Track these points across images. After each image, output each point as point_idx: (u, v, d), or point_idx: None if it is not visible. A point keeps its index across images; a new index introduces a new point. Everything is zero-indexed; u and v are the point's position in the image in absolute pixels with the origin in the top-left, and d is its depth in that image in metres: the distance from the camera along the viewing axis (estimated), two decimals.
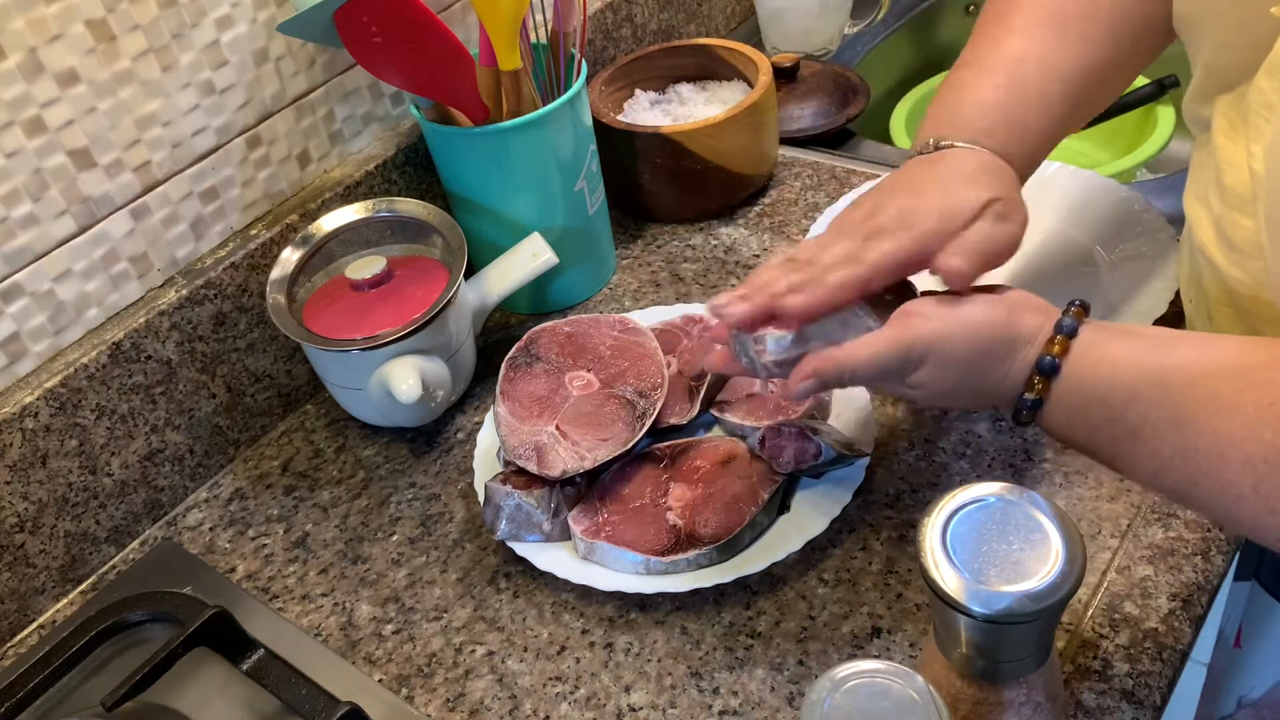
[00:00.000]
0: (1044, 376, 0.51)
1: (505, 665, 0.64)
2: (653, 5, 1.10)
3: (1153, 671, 0.58)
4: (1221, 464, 0.45)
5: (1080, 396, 0.50)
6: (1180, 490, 0.48)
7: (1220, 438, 0.45)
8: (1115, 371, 0.49)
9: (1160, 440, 0.47)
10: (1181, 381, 0.47)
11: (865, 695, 0.42)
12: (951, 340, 0.53)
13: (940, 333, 0.53)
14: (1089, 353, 0.50)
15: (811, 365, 0.55)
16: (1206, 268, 0.59)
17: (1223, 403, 0.46)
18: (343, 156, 0.86)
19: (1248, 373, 0.46)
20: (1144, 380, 0.48)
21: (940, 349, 0.53)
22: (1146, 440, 0.48)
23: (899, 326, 0.54)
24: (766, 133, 0.95)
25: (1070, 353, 0.50)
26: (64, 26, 0.66)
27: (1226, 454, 0.45)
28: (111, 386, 0.73)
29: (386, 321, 0.74)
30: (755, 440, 0.70)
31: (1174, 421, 0.47)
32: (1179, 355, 0.49)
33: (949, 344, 0.53)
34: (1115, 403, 0.49)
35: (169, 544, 0.76)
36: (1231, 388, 0.46)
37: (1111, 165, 1.03)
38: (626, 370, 0.74)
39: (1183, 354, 0.49)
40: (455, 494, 0.76)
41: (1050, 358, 0.51)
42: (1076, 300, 0.52)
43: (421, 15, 0.72)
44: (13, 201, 0.67)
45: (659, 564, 0.64)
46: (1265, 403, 0.44)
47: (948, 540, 0.44)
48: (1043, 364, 0.51)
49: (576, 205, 0.86)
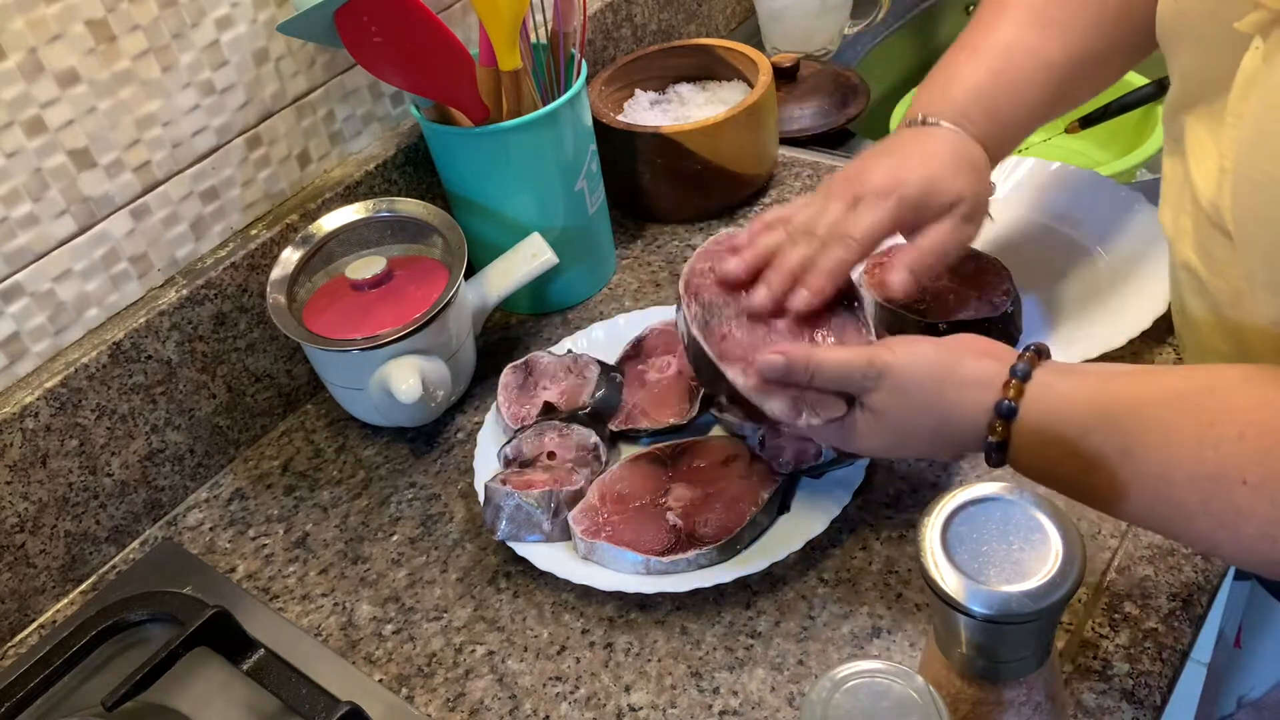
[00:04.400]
0: (1003, 419, 0.53)
1: (505, 665, 0.64)
2: (653, 5, 1.10)
3: (1153, 671, 0.58)
4: (1170, 487, 0.48)
5: (1039, 437, 0.52)
6: (1140, 516, 0.50)
7: (1167, 463, 0.48)
8: (1067, 408, 0.51)
9: (1115, 470, 0.49)
10: (1127, 412, 0.49)
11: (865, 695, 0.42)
12: (906, 370, 0.56)
13: (898, 360, 0.56)
14: (1042, 395, 0.52)
15: (785, 347, 0.58)
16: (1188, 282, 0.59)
17: (1166, 428, 0.48)
18: (343, 156, 0.86)
19: (1188, 397, 0.48)
20: (1092, 415, 0.50)
21: (898, 374, 0.56)
22: (1102, 471, 0.50)
23: (866, 347, 0.58)
24: (766, 133, 0.95)
25: (1025, 395, 0.52)
26: (64, 26, 0.66)
27: (1173, 477, 0.47)
28: (112, 386, 0.73)
29: (386, 321, 0.74)
30: (755, 440, 0.70)
31: (1124, 451, 0.49)
32: (1122, 387, 0.51)
33: (903, 373, 0.56)
34: (1070, 439, 0.51)
35: (169, 544, 0.76)
36: (1172, 413, 0.48)
37: (1111, 165, 1.03)
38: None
39: (1126, 386, 0.51)
40: (455, 494, 0.76)
41: (1007, 401, 0.53)
42: (1032, 345, 0.55)
43: (421, 15, 0.72)
44: (13, 201, 0.67)
45: (659, 564, 0.64)
46: (1204, 424, 0.47)
47: (948, 540, 0.44)
48: (1000, 408, 0.53)
49: (576, 205, 0.86)
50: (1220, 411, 0.47)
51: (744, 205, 0.97)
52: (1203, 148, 0.54)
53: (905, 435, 0.58)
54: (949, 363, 0.55)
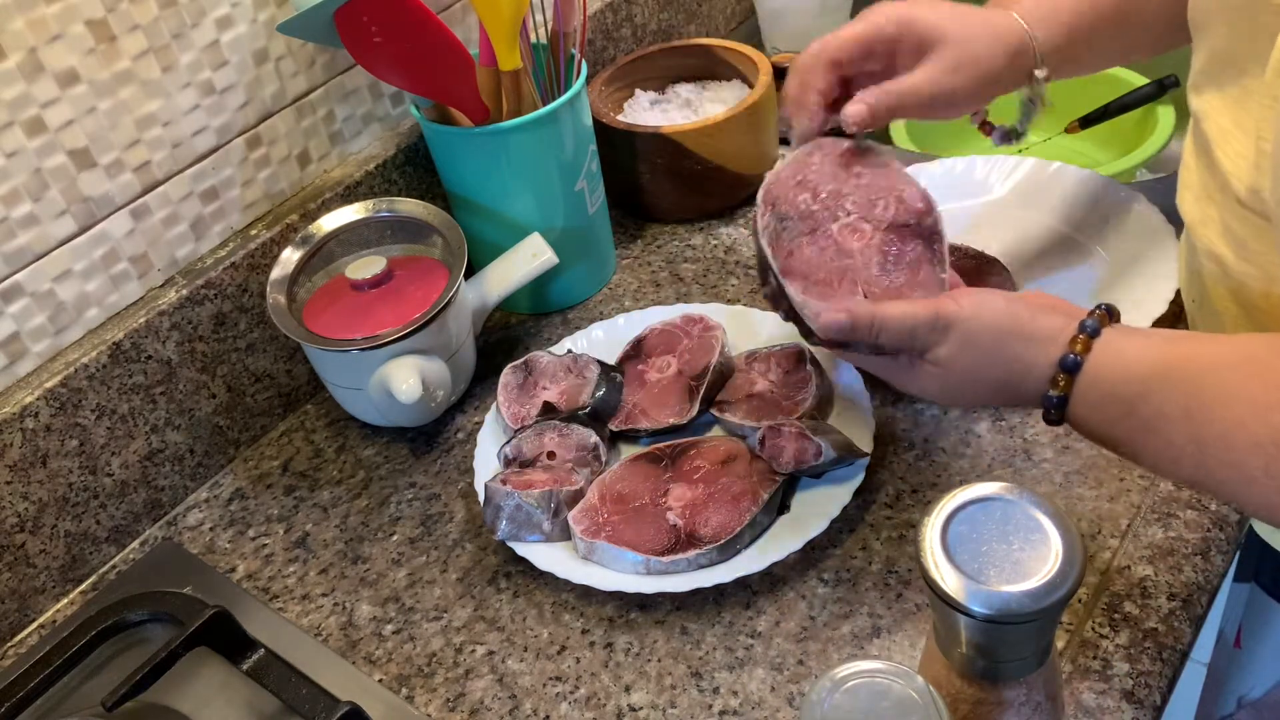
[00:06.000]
0: (1067, 373, 0.53)
1: (505, 665, 0.64)
2: (653, 5, 1.10)
3: (1153, 671, 0.58)
4: (1231, 449, 0.47)
5: (1099, 393, 0.52)
6: (1197, 478, 0.50)
7: (1229, 424, 0.47)
8: (1130, 367, 0.51)
9: (1174, 430, 0.49)
10: (1191, 373, 0.49)
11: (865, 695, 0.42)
12: (974, 321, 0.55)
13: (964, 313, 0.56)
14: (1108, 351, 0.52)
15: (850, 305, 0.58)
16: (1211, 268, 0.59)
17: (1230, 390, 0.47)
18: (343, 156, 0.86)
19: (1253, 362, 0.48)
20: (1155, 375, 0.50)
21: (963, 326, 0.56)
22: (1161, 432, 0.50)
23: (931, 300, 0.57)
24: (766, 133, 0.95)
25: (1092, 351, 0.52)
26: (64, 26, 0.66)
27: (1235, 439, 0.47)
28: (112, 386, 0.73)
29: (386, 321, 0.74)
30: (755, 440, 0.70)
31: (1185, 411, 0.49)
32: (1188, 349, 0.51)
33: (971, 324, 0.55)
34: (1130, 397, 0.51)
35: (169, 544, 0.76)
36: (1238, 376, 0.48)
37: (1111, 165, 1.03)
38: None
39: (1191, 348, 0.51)
40: (455, 494, 0.76)
41: (1073, 355, 0.52)
42: (1103, 305, 0.54)
43: (421, 15, 0.72)
44: (13, 201, 0.67)
45: (659, 564, 0.64)
46: (1270, 387, 0.46)
47: (948, 540, 0.44)
48: (1066, 361, 0.53)
49: (576, 205, 0.86)
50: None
51: (744, 205, 0.97)
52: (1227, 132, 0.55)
53: (965, 385, 0.58)
54: (1020, 317, 0.55)
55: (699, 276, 0.90)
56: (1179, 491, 0.66)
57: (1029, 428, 0.72)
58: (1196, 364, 0.49)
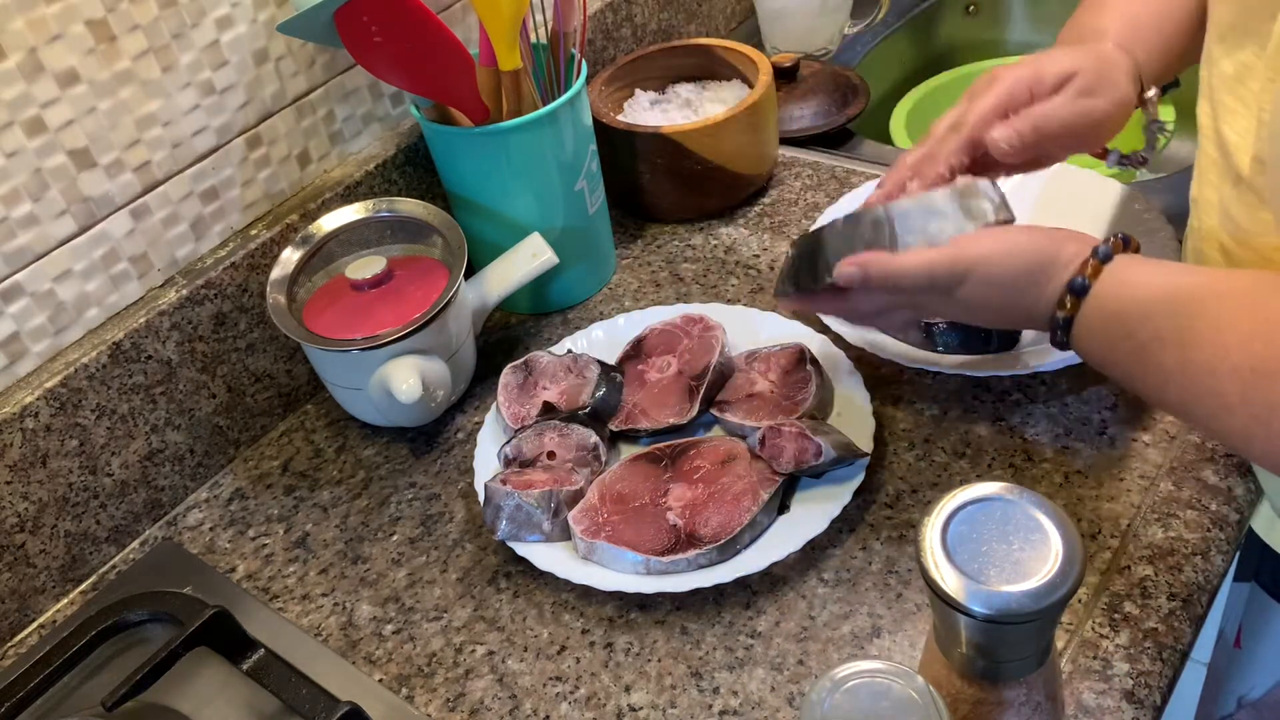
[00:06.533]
0: (1074, 296, 0.54)
1: (505, 665, 0.64)
2: (653, 5, 1.10)
3: (1153, 671, 0.58)
4: (1213, 376, 0.48)
5: (1102, 315, 0.53)
6: (1182, 405, 0.51)
7: (1215, 349, 0.48)
8: (1135, 292, 0.52)
9: (1166, 354, 0.50)
10: (1189, 299, 0.50)
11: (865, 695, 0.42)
12: (996, 259, 0.57)
13: (986, 253, 0.57)
14: (1116, 276, 0.54)
15: (864, 258, 0.60)
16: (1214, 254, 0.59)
17: (1223, 319, 0.48)
18: (343, 156, 0.86)
19: (1250, 293, 0.49)
20: (1157, 300, 0.51)
21: (985, 267, 0.57)
22: (1154, 355, 0.51)
23: (950, 247, 0.58)
24: (766, 133, 0.95)
25: (1100, 276, 0.54)
26: (64, 26, 0.66)
27: (1218, 366, 0.48)
28: (112, 386, 0.73)
29: (386, 321, 0.74)
30: (755, 440, 0.70)
31: (1178, 336, 0.50)
32: (1194, 279, 0.52)
33: (993, 263, 0.57)
34: (1130, 320, 0.52)
35: (169, 544, 0.76)
36: (1232, 305, 0.49)
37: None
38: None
39: (1199, 278, 0.52)
40: (455, 494, 0.76)
41: (1081, 279, 0.54)
42: (1121, 233, 0.55)
43: (421, 15, 0.72)
44: (13, 201, 0.67)
45: (659, 564, 0.64)
46: (1260, 318, 0.47)
47: (948, 540, 0.44)
48: (1074, 284, 0.54)
49: (576, 205, 0.86)
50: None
51: (744, 205, 0.97)
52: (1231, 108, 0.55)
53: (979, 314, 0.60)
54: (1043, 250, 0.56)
55: (699, 276, 0.90)
56: (1179, 491, 0.66)
57: (1029, 428, 0.72)
58: (1197, 290, 0.50)
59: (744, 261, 0.91)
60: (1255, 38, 0.53)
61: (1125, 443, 0.69)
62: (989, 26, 1.37)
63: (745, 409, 0.73)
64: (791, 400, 0.72)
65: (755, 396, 0.74)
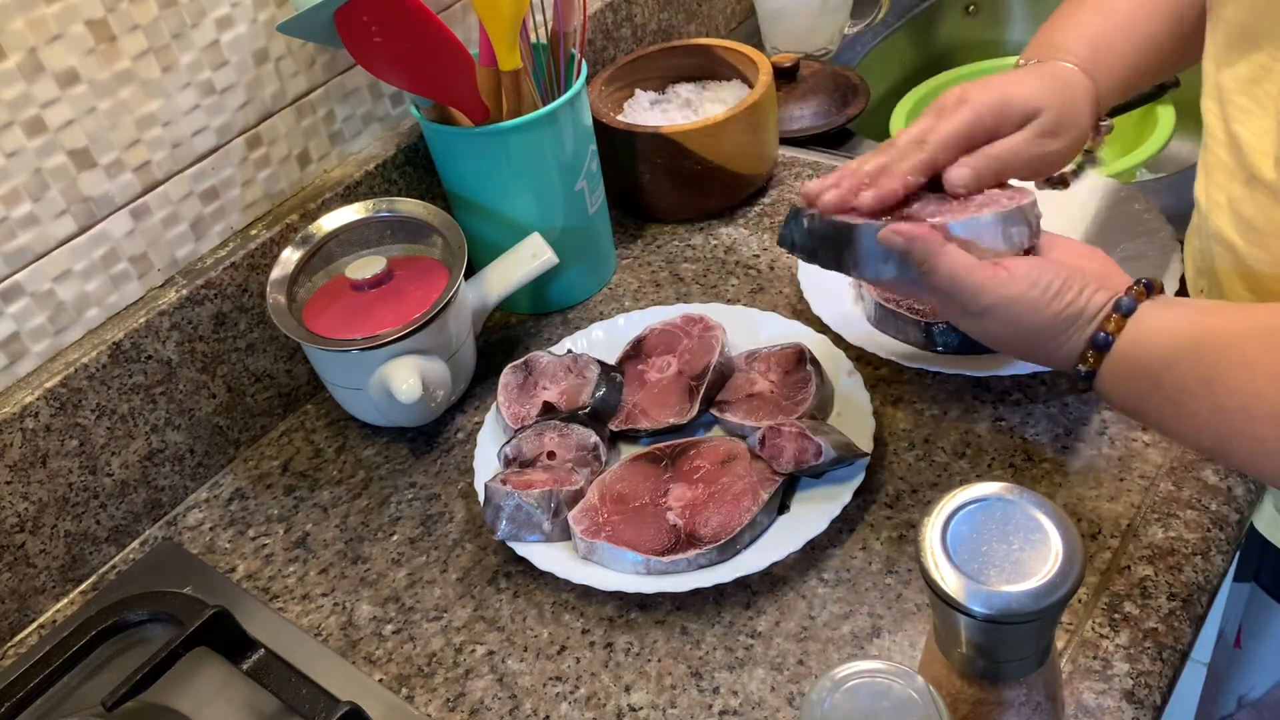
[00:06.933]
0: (1097, 351, 0.54)
1: (505, 665, 0.64)
2: (653, 5, 1.10)
3: (1153, 671, 0.58)
4: (1251, 421, 0.47)
5: (1127, 366, 0.53)
6: (1218, 449, 0.50)
7: (1249, 395, 0.47)
8: (1157, 343, 0.52)
9: (1196, 402, 0.50)
10: (1215, 344, 0.50)
11: (865, 695, 0.42)
12: (1020, 305, 0.55)
13: (1012, 296, 0.55)
14: (1139, 327, 0.53)
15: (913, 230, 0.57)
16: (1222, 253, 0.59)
17: (1251, 362, 0.48)
18: (343, 156, 0.86)
19: (1275, 334, 0.48)
20: (1181, 347, 0.51)
21: (1007, 309, 0.56)
22: (1184, 403, 0.50)
23: (987, 270, 0.56)
24: (766, 133, 0.95)
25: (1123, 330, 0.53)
26: (64, 26, 0.66)
27: (1255, 411, 0.47)
28: (111, 386, 0.73)
29: (386, 321, 0.74)
30: (755, 440, 0.70)
31: (1207, 383, 0.49)
32: (1216, 320, 0.51)
33: (1016, 307, 0.56)
34: (1155, 371, 0.51)
35: (169, 544, 0.76)
36: (1260, 348, 0.48)
37: (1111, 165, 1.03)
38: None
39: (1221, 319, 0.51)
40: (455, 494, 0.76)
41: (1104, 334, 0.53)
42: (1145, 280, 0.55)
43: (421, 15, 0.72)
44: (13, 201, 0.67)
45: (659, 564, 0.64)
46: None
47: (948, 540, 0.44)
48: (1097, 340, 0.54)
49: (576, 205, 0.86)
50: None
51: (744, 205, 0.97)
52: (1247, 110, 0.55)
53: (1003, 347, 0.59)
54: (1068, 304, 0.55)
55: (699, 276, 0.90)
56: (1179, 491, 0.66)
57: (1029, 428, 0.72)
58: (1222, 336, 0.50)
59: (744, 261, 0.91)
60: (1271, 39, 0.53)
61: (1125, 442, 0.69)
62: (989, 26, 1.37)
63: (745, 409, 0.73)
64: (791, 400, 0.72)
65: (755, 396, 0.74)
